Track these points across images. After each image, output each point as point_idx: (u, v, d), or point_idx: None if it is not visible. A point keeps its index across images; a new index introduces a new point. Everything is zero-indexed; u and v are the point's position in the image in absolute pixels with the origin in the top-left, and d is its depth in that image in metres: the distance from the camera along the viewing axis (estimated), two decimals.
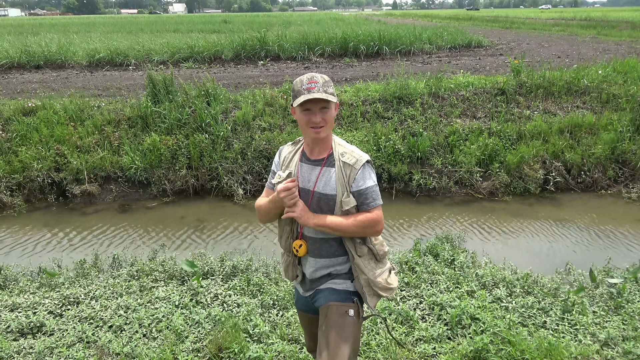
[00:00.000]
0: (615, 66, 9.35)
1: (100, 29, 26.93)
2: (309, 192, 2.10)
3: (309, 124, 2.01)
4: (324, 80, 1.99)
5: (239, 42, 14.59)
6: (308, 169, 2.13)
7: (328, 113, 2.02)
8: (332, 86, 2.03)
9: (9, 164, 7.02)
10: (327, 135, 2.07)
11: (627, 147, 7.06)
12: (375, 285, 2.15)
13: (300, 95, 1.97)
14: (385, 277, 2.21)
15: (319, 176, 2.09)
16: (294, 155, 2.20)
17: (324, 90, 1.96)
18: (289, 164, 2.19)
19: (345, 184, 2.04)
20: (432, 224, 6.04)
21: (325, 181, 2.08)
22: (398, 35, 15.38)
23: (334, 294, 2.17)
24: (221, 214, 6.49)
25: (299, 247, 2.14)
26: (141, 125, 7.70)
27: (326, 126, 2.03)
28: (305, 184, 2.12)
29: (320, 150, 2.12)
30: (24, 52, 13.88)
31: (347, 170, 2.05)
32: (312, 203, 2.09)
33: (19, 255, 5.38)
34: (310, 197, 2.10)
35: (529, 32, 24.42)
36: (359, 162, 2.05)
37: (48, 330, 3.50)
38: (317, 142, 2.10)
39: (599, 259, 4.80)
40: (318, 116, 1.99)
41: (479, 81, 8.85)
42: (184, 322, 3.52)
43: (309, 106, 1.99)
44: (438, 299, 3.69)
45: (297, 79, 2.03)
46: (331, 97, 1.97)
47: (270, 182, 2.24)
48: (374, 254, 2.18)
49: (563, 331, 3.37)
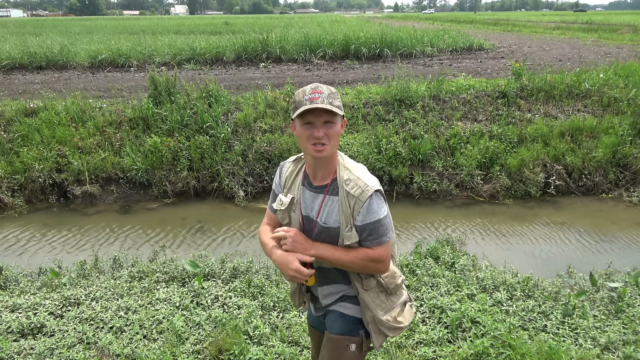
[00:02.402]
0: (616, 70, 9.36)
1: (102, 30, 27.00)
2: (313, 222, 1.91)
3: (309, 140, 1.76)
4: (330, 92, 1.76)
5: (240, 44, 14.62)
6: (311, 196, 1.92)
7: (333, 129, 1.76)
8: (339, 99, 1.78)
9: (10, 165, 7.03)
10: (330, 155, 1.81)
11: (628, 150, 7.06)
12: (382, 324, 1.96)
13: (301, 107, 1.73)
14: (395, 315, 1.99)
15: (322, 206, 1.88)
16: (296, 176, 1.99)
17: (328, 102, 1.72)
18: (290, 187, 1.99)
19: (349, 216, 1.82)
20: (432, 226, 6.04)
21: (328, 212, 1.87)
22: (399, 38, 15.40)
23: (340, 321, 2.02)
24: (222, 215, 6.50)
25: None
26: (142, 126, 7.72)
27: (329, 144, 1.76)
28: (308, 212, 1.93)
29: (323, 174, 1.88)
30: (26, 52, 13.92)
31: (351, 201, 1.81)
32: (315, 234, 1.91)
33: (20, 256, 5.39)
34: (314, 227, 1.91)
35: (530, 35, 24.42)
36: (364, 194, 1.79)
37: (48, 331, 3.50)
38: (319, 163, 1.85)
39: (599, 263, 4.79)
40: (321, 130, 1.74)
41: (480, 84, 8.87)
42: (184, 324, 3.52)
43: (311, 118, 1.74)
44: (438, 302, 3.68)
45: (300, 90, 1.80)
46: (336, 109, 1.73)
47: (270, 206, 2.06)
48: (383, 287, 1.98)
49: (563, 335, 3.36)
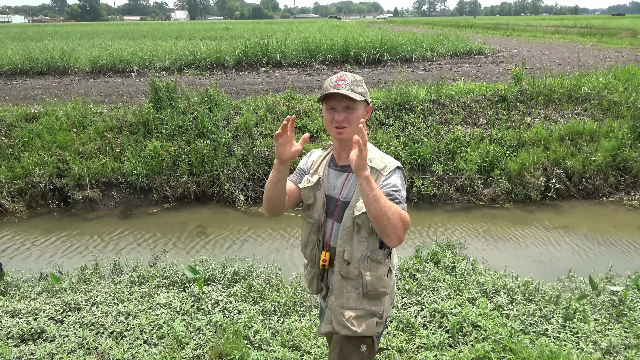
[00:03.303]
0: (615, 74, 9.39)
1: (102, 35, 27.10)
2: (334, 200, 2.00)
3: (332, 123, 1.91)
4: (354, 79, 1.90)
5: (241, 49, 14.67)
6: (335, 175, 2.03)
7: (353, 114, 1.89)
8: (363, 87, 1.92)
9: (11, 170, 7.04)
10: (351, 137, 1.90)
11: (628, 154, 7.06)
12: (335, 313, 1.99)
13: (325, 92, 1.89)
14: (353, 315, 1.97)
15: (345, 183, 1.99)
16: (323, 160, 2.11)
17: (350, 89, 1.86)
18: (317, 169, 2.09)
19: None
20: (432, 230, 6.04)
21: (349, 188, 1.96)
22: (399, 43, 15.45)
23: None
24: (222, 220, 6.50)
25: (326, 260, 2.01)
26: (143, 131, 7.73)
27: (350, 127, 1.89)
28: (330, 191, 2.02)
29: (348, 155, 1.95)
30: (27, 58, 13.97)
31: (374, 175, 1.88)
32: (338, 211, 1.98)
33: (20, 261, 5.38)
34: (336, 205, 1.99)
35: (529, 39, 24.50)
36: (387, 168, 1.91)
37: (49, 337, 3.50)
38: (343, 144, 1.98)
39: (600, 266, 4.78)
40: (341, 115, 1.88)
41: (479, 88, 8.88)
42: (184, 329, 3.52)
43: (333, 104, 1.89)
44: (439, 306, 3.68)
45: (328, 78, 1.95)
46: (355, 95, 1.85)
47: (291, 177, 2.13)
48: (361, 285, 1.96)
49: (565, 339, 3.36)
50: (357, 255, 1.93)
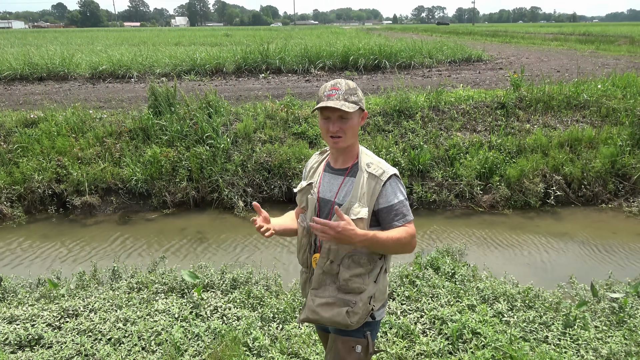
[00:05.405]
0: (614, 80, 9.42)
1: (103, 41, 27.18)
2: (330, 203, 2.01)
3: (327, 133, 1.94)
4: (347, 88, 1.90)
5: (240, 55, 14.71)
6: (330, 178, 2.05)
7: (347, 124, 1.91)
8: (357, 94, 1.92)
9: (9, 175, 7.03)
10: (347, 145, 1.97)
11: (627, 161, 7.08)
12: (308, 300, 2.04)
13: (319, 103, 1.90)
14: (320, 303, 2.00)
15: (341, 186, 2.00)
16: (319, 165, 2.14)
17: (344, 99, 1.87)
18: (313, 174, 2.13)
19: (368, 196, 1.92)
20: (432, 237, 6.03)
21: (346, 191, 1.98)
22: (398, 49, 15.51)
23: None
24: (221, 226, 6.48)
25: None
26: (142, 137, 7.73)
27: (345, 136, 1.93)
28: (325, 194, 2.03)
29: (344, 159, 2.03)
30: (27, 63, 13.99)
31: (372, 182, 1.93)
32: (332, 214, 1.97)
33: (18, 266, 5.36)
34: (331, 208, 2.00)
35: (528, 46, 24.61)
36: (385, 174, 1.93)
37: (46, 343, 3.47)
38: (339, 151, 2.02)
39: (600, 273, 4.77)
40: (336, 125, 1.90)
41: (479, 95, 8.91)
42: (183, 335, 3.49)
43: (328, 114, 1.91)
44: (439, 313, 3.67)
45: (323, 85, 1.95)
46: (348, 107, 1.86)
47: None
48: (338, 279, 1.98)
49: (565, 346, 3.34)
50: (342, 254, 1.97)
